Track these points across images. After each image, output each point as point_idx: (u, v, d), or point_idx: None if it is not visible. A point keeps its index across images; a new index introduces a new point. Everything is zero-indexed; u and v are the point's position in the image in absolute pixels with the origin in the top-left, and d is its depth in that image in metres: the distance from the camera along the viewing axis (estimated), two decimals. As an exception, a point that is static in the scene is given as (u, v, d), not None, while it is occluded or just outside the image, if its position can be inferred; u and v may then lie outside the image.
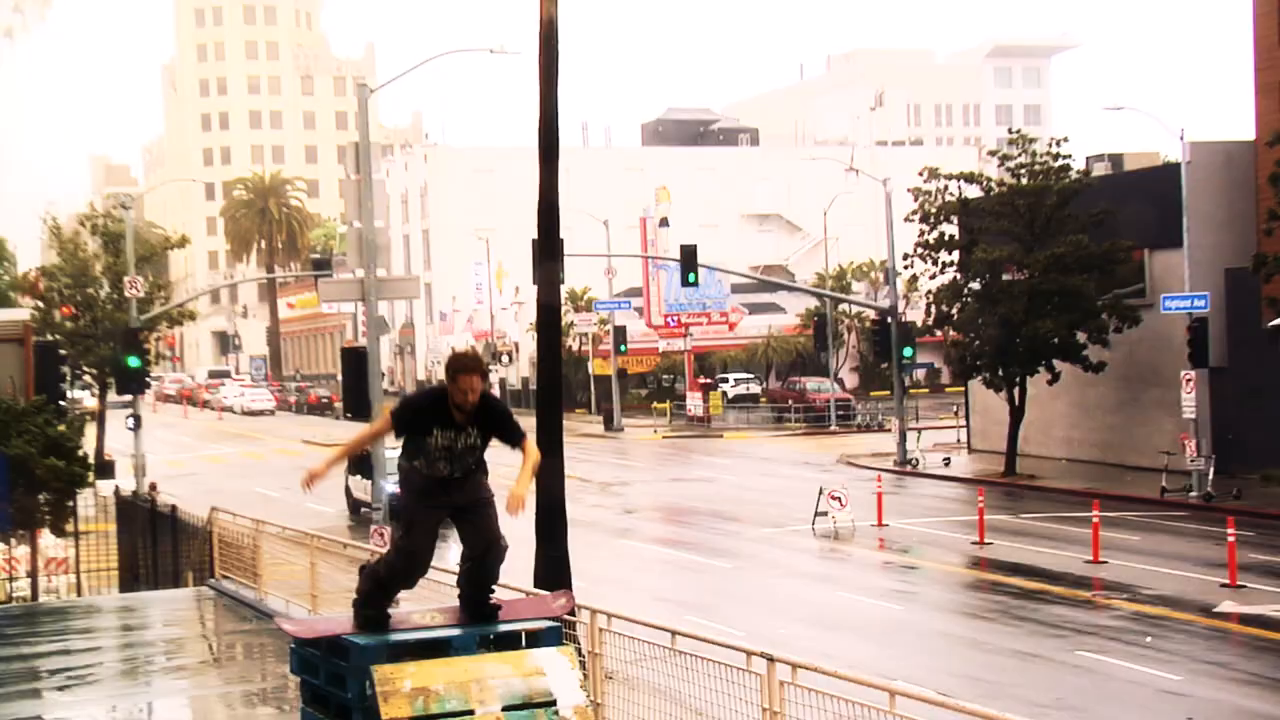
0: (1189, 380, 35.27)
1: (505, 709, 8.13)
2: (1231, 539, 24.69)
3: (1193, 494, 34.78)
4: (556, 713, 8.13)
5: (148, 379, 44.21)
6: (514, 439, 8.43)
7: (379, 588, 8.59)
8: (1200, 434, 35.43)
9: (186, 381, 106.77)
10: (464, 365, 8.21)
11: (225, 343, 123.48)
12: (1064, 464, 42.92)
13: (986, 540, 29.73)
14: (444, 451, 8.33)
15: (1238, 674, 19.14)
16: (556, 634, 8.81)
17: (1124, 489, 36.90)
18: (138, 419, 39.94)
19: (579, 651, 10.62)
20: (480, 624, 8.49)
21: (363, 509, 34.96)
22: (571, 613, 12.12)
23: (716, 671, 9.88)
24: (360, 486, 36.49)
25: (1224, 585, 24.18)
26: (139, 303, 41.40)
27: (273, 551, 19.57)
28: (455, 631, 8.57)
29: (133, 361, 38.00)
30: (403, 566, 8.52)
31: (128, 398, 41.14)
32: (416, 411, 8.36)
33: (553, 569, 19.28)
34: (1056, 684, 18.63)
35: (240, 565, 20.37)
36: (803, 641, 20.00)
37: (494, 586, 8.70)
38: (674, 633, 10.43)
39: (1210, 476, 34.73)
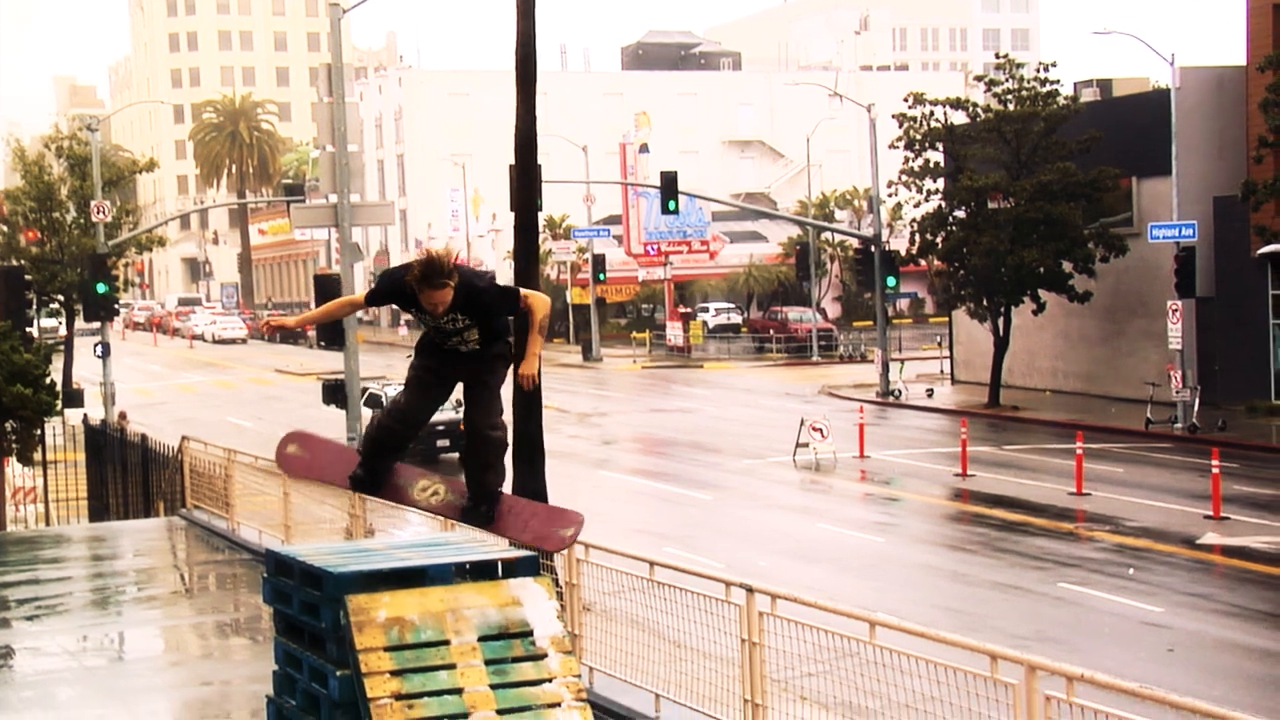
0: (1175, 310, 35.03)
1: (481, 639, 7.99)
2: (1216, 471, 24.54)
3: (1177, 425, 34.65)
4: (533, 643, 8.00)
5: (116, 306, 43.71)
6: (506, 310, 7.76)
7: (371, 446, 8.38)
8: (1186, 365, 35.25)
9: (156, 309, 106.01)
10: (428, 279, 7.46)
11: (196, 270, 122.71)
12: (1048, 395, 42.79)
13: (969, 472, 29.54)
14: (435, 332, 7.89)
15: (1220, 606, 19.01)
16: (533, 564, 8.68)
17: (1109, 420, 36.77)
18: (106, 347, 39.48)
19: (556, 583, 10.40)
20: (481, 504, 8.19)
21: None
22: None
23: (695, 603, 9.73)
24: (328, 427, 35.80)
25: (1207, 517, 24.04)
26: (106, 228, 40.79)
27: (245, 482, 19.34)
28: (431, 561, 8.46)
29: (100, 288, 37.48)
30: (389, 423, 8.21)
31: (95, 325, 40.63)
32: (384, 297, 7.92)
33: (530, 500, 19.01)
34: (1038, 616, 18.48)
35: (212, 495, 20.14)
36: (783, 573, 19.77)
37: (496, 469, 8.17)
38: (652, 563, 10.24)
39: (1195, 408, 34.59)
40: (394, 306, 8.09)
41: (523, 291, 7.74)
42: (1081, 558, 21.96)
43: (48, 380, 29.74)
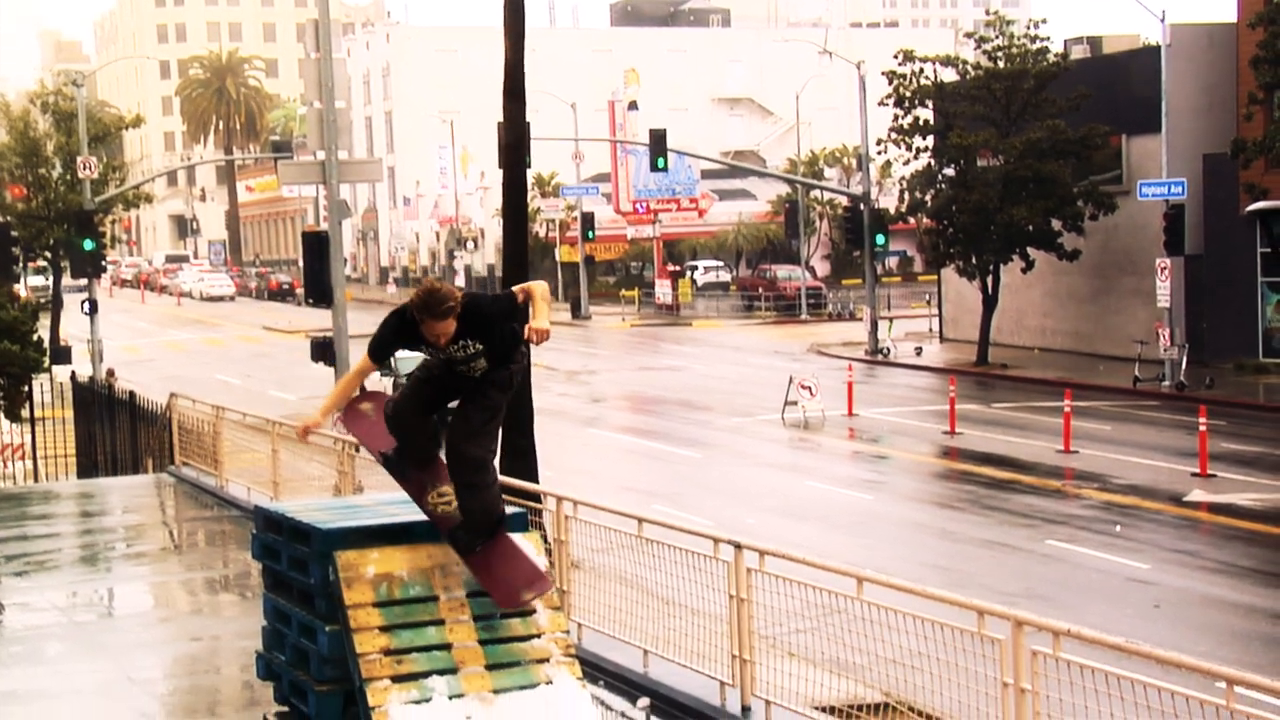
0: (1164, 268, 35.03)
1: (470, 595, 8.02)
2: (1203, 428, 24.60)
3: (1165, 383, 34.72)
4: (522, 598, 7.95)
5: (103, 262, 43.49)
6: (509, 318, 7.45)
7: (398, 439, 8.15)
8: (1174, 323, 35.29)
9: (143, 266, 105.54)
10: (429, 308, 7.19)
11: (183, 227, 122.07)
12: (1037, 353, 42.84)
13: (957, 430, 29.60)
14: (445, 365, 7.63)
15: (1206, 562, 19.10)
16: (522, 520, 8.71)
17: (1097, 378, 36.83)
18: (94, 304, 39.32)
19: (544, 539, 10.41)
20: (460, 529, 7.88)
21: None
22: (538, 499, 11.83)
23: (683, 559, 9.76)
24: (377, 386, 34.90)
25: (1194, 475, 24.12)
26: (93, 184, 40.55)
27: (234, 439, 19.34)
28: (420, 517, 8.47)
29: (87, 244, 37.29)
30: (389, 427, 8.03)
31: (83, 282, 40.47)
32: (389, 345, 7.59)
33: (518, 458, 19.05)
34: (1026, 573, 18.54)
35: (200, 452, 20.14)
36: (771, 530, 19.82)
37: (475, 492, 7.76)
38: (641, 520, 10.24)
39: (1183, 365, 34.64)
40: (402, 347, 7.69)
41: (516, 288, 7.57)
42: (1069, 515, 22.04)
43: (35, 337, 29.69)
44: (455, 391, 7.68)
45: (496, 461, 8.20)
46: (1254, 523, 20.91)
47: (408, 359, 35.44)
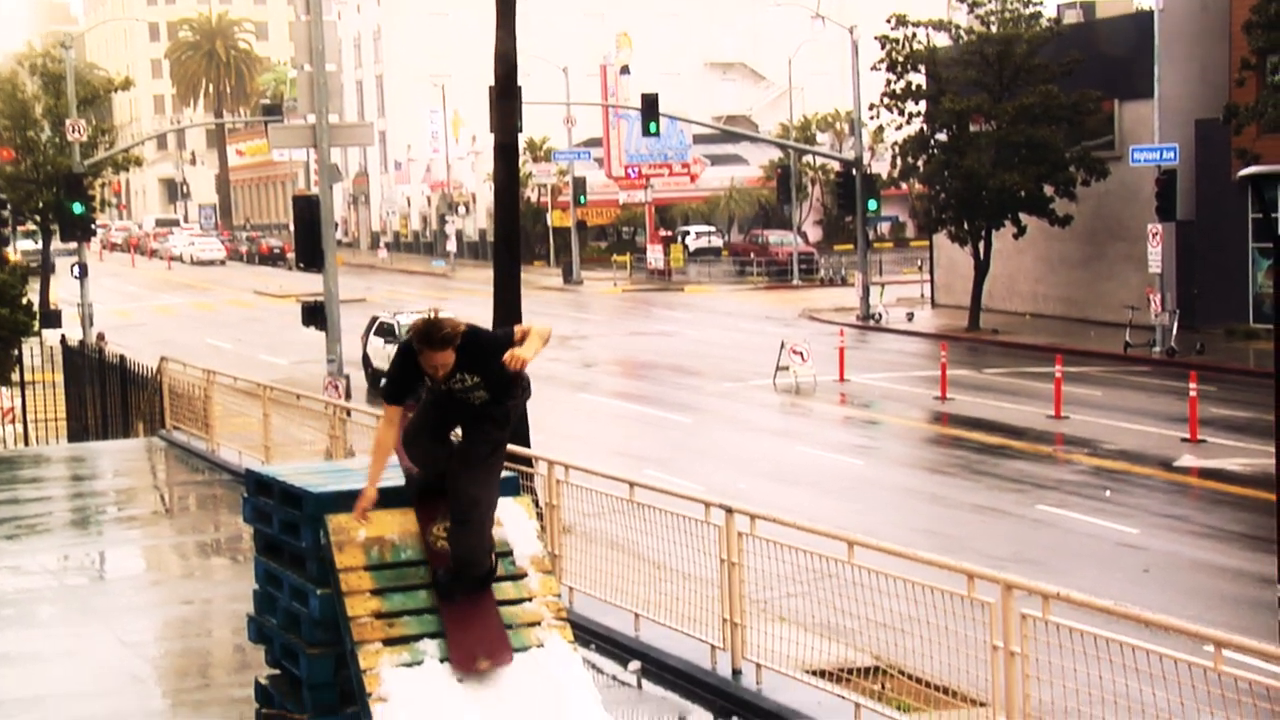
0: (1156, 234, 35.02)
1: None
2: (1193, 394, 24.66)
3: (1156, 349, 34.78)
4: (513, 563, 8.01)
5: (93, 226, 43.33)
6: (508, 381, 7.30)
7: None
8: (1165, 288, 35.30)
9: (134, 230, 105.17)
10: (427, 340, 7.06)
11: (173, 190, 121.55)
12: (1028, 319, 42.87)
13: (948, 395, 29.64)
14: (446, 397, 7.51)
15: (1195, 527, 19.17)
16: (513, 484, 8.70)
17: (1088, 344, 36.86)
18: (84, 267, 39.21)
19: (536, 503, 10.42)
20: (448, 572, 7.73)
21: (383, 379, 33.31)
22: (529, 463, 11.85)
23: (675, 524, 9.77)
24: (382, 353, 32.98)
25: (1185, 440, 24.19)
26: (82, 147, 40.35)
27: (225, 403, 19.35)
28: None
29: (77, 208, 37.16)
30: (405, 449, 7.81)
31: (72, 246, 40.32)
32: (401, 384, 7.44)
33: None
34: (1016, 538, 18.61)
35: (191, 416, 20.14)
36: (762, 495, 19.84)
37: (464, 534, 7.58)
38: (632, 484, 10.26)
39: (1174, 331, 34.69)
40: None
41: (519, 327, 7.42)
42: (1059, 480, 22.11)
43: (25, 301, 29.60)
44: (458, 416, 7.53)
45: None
46: (1243, 488, 20.97)
47: (403, 318, 34.92)
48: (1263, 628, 12.71)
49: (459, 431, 7.70)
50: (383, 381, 7.60)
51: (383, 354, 32.81)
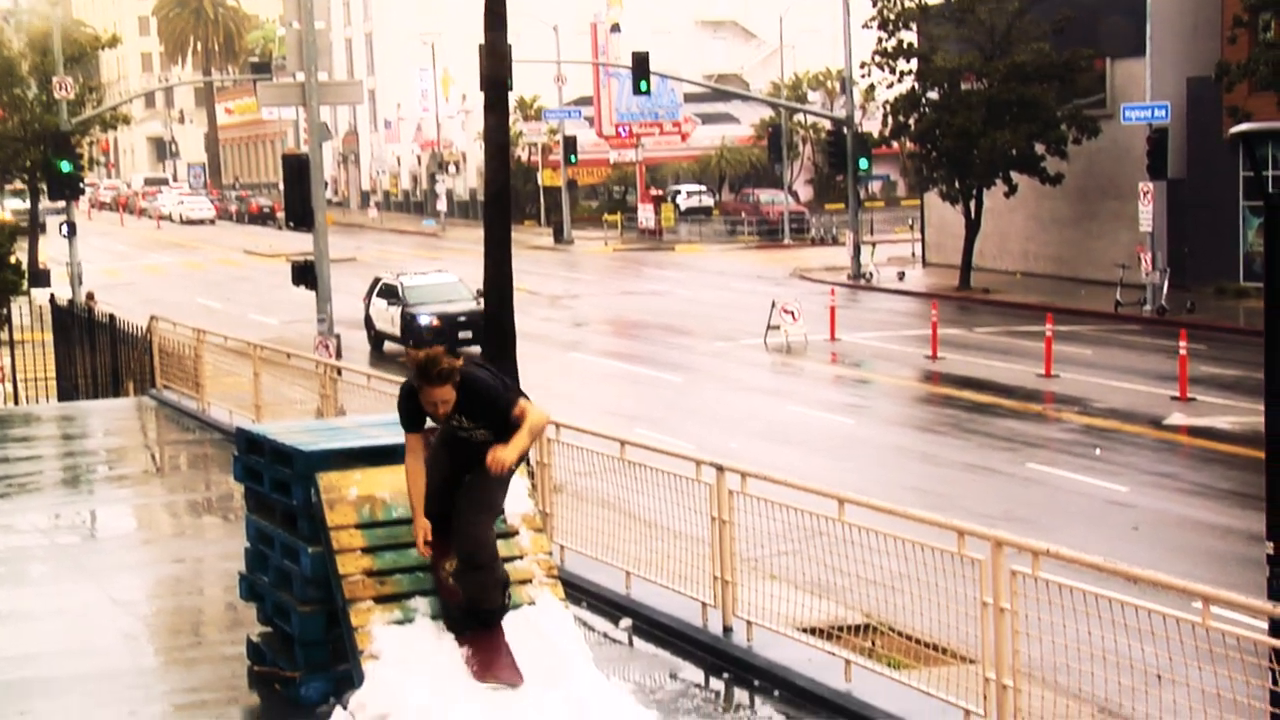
0: (1146, 192, 34.98)
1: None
2: (1183, 352, 24.70)
3: (1146, 307, 34.81)
4: (504, 520, 8.03)
5: (81, 185, 43.12)
6: (508, 422, 7.32)
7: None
8: (1156, 247, 35.32)
9: (122, 188, 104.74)
10: (424, 375, 7.13)
11: (162, 149, 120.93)
12: (1019, 278, 42.87)
13: (939, 354, 29.66)
14: (453, 437, 7.59)
15: (1184, 485, 19.24)
16: (504, 444, 8.66)
17: (1078, 303, 36.90)
18: (72, 226, 39.06)
19: (527, 462, 10.42)
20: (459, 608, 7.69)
21: (387, 342, 32.71)
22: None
23: (666, 482, 9.78)
24: (385, 315, 32.63)
25: (1174, 398, 24.25)
26: (69, 105, 40.11)
27: (215, 362, 19.31)
28: (401, 439, 8.41)
29: (64, 166, 36.97)
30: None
31: (61, 205, 40.15)
32: (411, 417, 7.47)
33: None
34: (1006, 496, 18.67)
35: (182, 375, 20.10)
36: (753, 454, 19.88)
37: (471, 571, 7.54)
38: (623, 443, 10.26)
39: (1164, 290, 34.72)
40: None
41: (521, 402, 7.36)
42: (1049, 438, 22.17)
43: (13, 260, 29.49)
44: (465, 454, 7.52)
45: None
46: (1232, 445, 21.05)
47: (416, 287, 34.81)
48: (1251, 584, 12.77)
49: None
50: (400, 416, 7.62)
51: (386, 316, 32.47)
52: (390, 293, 32.58)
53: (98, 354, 25.08)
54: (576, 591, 9.98)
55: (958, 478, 19.82)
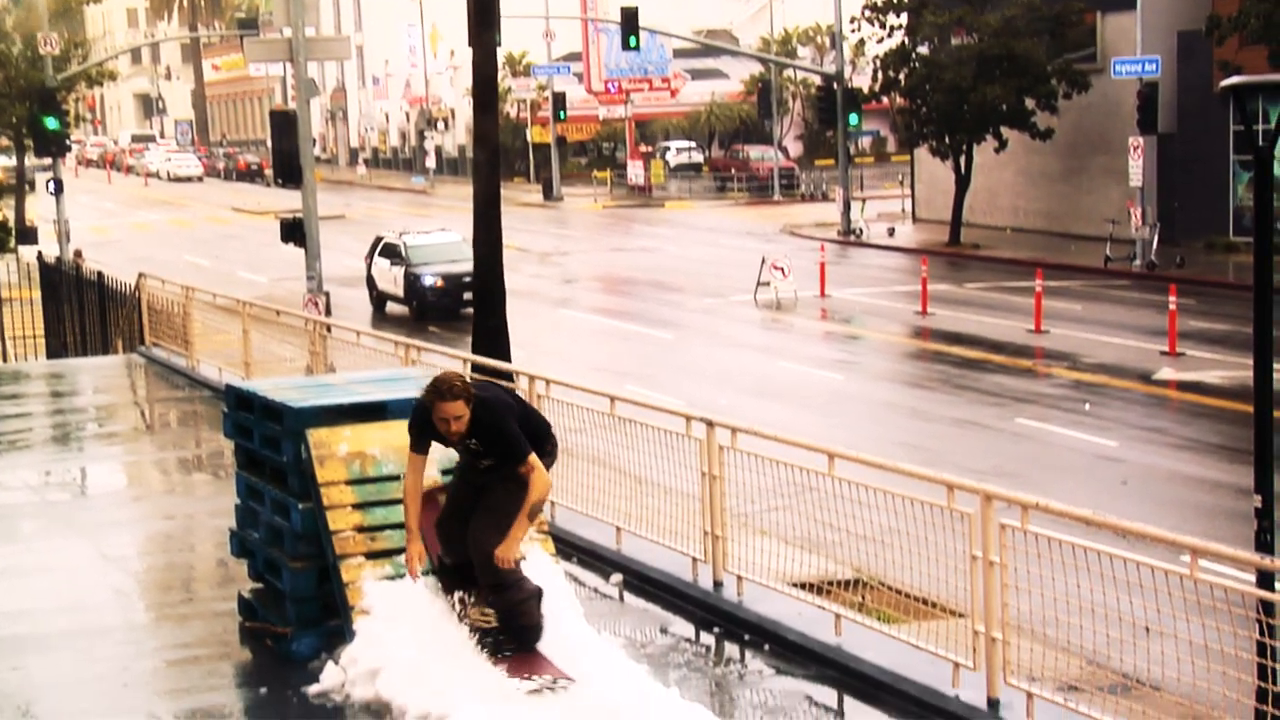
0: (1137, 147, 34.91)
1: (442, 472, 8.05)
2: (1173, 307, 24.73)
3: (1136, 262, 34.82)
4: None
5: (68, 142, 42.87)
6: (513, 461, 7.26)
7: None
8: (1146, 202, 35.28)
9: (109, 145, 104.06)
10: (437, 392, 7.14)
11: (148, 106, 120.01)
12: (1009, 233, 42.84)
13: (929, 310, 29.67)
14: (470, 466, 7.53)
15: (1173, 439, 19.31)
16: (493, 401, 8.66)
17: (1068, 258, 36.89)
18: (59, 183, 38.86)
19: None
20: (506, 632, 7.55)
21: (390, 303, 32.28)
22: (510, 378, 11.83)
23: (656, 437, 9.79)
24: (388, 276, 32.00)
25: (1164, 353, 24.29)
26: (55, 61, 39.81)
27: (204, 320, 19.30)
28: (391, 395, 8.50)
29: (51, 123, 36.73)
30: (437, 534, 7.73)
31: (47, 162, 39.92)
32: (420, 432, 7.39)
33: (490, 339, 19.04)
34: (996, 451, 18.72)
35: (171, 333, 20.07)
36: (744, 410, 19.88)
37: (525, 611, 7.43)
38: (613, 399, 10.26)
39: (1154, 244, 34.71)
40: None
41: (531, 459, 7.26)
42: (1039, 394, 22.21)
43: (0, 217, 29.32)
44: (480, 481, 7.47)
45: (469, 346, 8.07)
46: (1221, 400, 21.11)
47: (420, 246, 34.24)
48: (1239, 537, 12.82)
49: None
50: (409, 428, 7.54)
51: (388, 276, 31.98)
52: (393, 252, 31.96)
53: (86, 312, 25.01)
54: (567, 547, 10.00)
55: (947, 433, 19.86)
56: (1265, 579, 7.30)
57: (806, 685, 8.03)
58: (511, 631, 7.41)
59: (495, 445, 7.25)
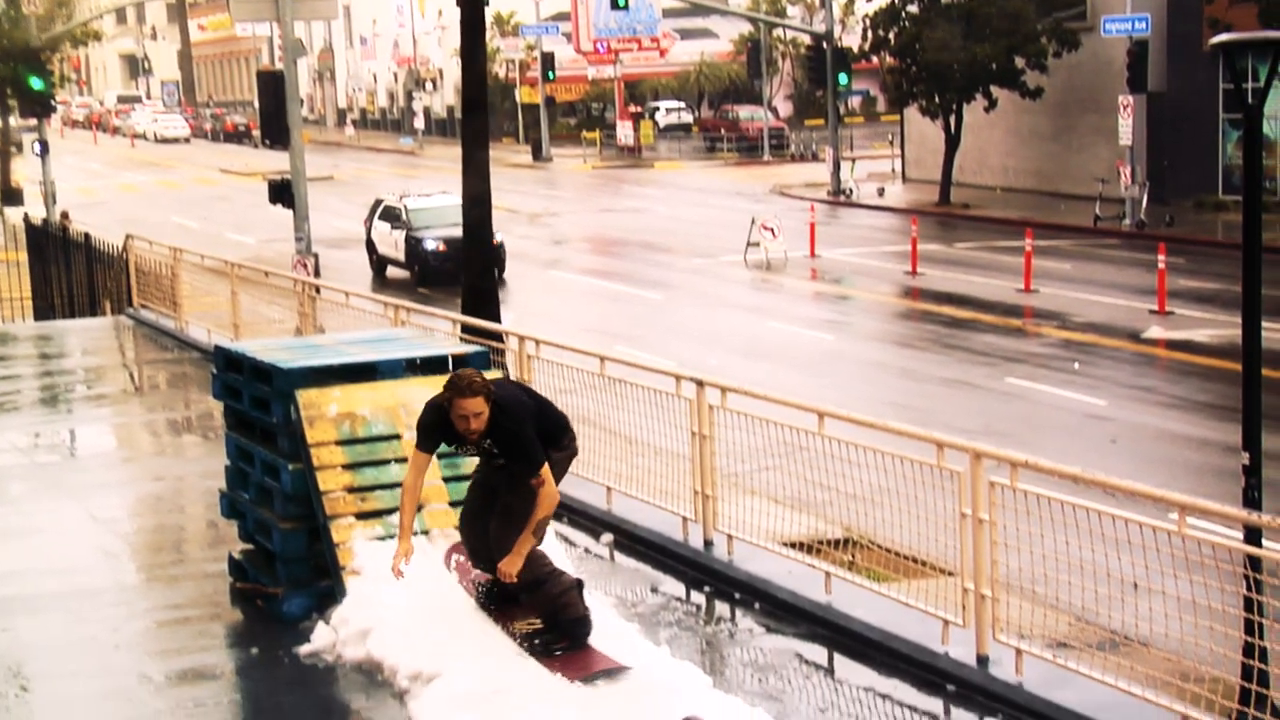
0: (1126, 106, 34.83)
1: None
2: (1162, 266, 24.74)
3: (1126, 221, 34.81)
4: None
5: (53, 102, 42.60)
6: (526, 469, 7.07)
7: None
8: (1135, 161, 35.24)
9: (95, 106, 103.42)
10: (458, 388, 6.89)
11: (134, 66, 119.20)
12: (999, 193, 42.79)
13: (919, 270, 29.65)
14: (487, 466, 7.38)
15: (1162, 398, 19.34)
16: (484, 359, 8.74)
17: (1058, 217, 36.87)
18: (44, 144, 38.64)
19: (507, 378, 10.41)
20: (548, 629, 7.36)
21: (390, 267, 31.81)
22: (500, 339, 11.81)
23: (646, 397, 9.79)
24: (389, 239, 31.49)
25: (1153, 312, 24.33)
26: (39, 20, 39.54)
27: (193, 281, 19.24)
28: (381, 356, 8.49)
29: (35, 82, 36.51)
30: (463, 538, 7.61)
31: (32, 123, 39.68)
32: (429, 434, 7.17)
33: (480, 300, 19.04)
34: (985, 410, 18.74)
35: (159, 295, 20.02)
36: (733, 370, 19.89)
37: (568, 604, 7.24)
38: (603, 359, 10.25)
39: (1144, 204, 34.70)
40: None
41: (543, 472, 7.08)
42: (1028, 353, 22.23)
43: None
44: (498, 482, 7.31)
45: (460, 308, 8.05)
46: (1210, 358, 21.14)
47: (420, 210, 33.88)
48: (1226, 494, 12.86)
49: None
50: (417, 428, 7.37)
51: (389, 240, 31.56)
52: (393, 215, 31.50)
53: (74, 273, 24.92)
54: (558, 508, 10.00)
55: (937, 392, 19.88)
56: (1253, 535, 7.33)
57: (797, 643, 8.06)
58: (559, 628, 7.20)
59: (511, 450, 7.05)
